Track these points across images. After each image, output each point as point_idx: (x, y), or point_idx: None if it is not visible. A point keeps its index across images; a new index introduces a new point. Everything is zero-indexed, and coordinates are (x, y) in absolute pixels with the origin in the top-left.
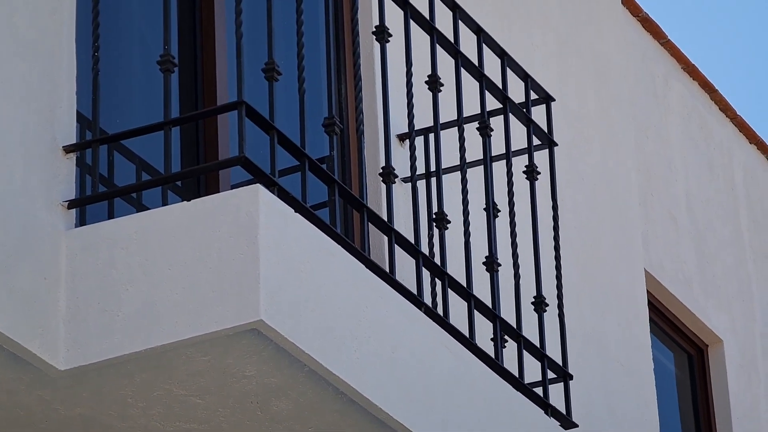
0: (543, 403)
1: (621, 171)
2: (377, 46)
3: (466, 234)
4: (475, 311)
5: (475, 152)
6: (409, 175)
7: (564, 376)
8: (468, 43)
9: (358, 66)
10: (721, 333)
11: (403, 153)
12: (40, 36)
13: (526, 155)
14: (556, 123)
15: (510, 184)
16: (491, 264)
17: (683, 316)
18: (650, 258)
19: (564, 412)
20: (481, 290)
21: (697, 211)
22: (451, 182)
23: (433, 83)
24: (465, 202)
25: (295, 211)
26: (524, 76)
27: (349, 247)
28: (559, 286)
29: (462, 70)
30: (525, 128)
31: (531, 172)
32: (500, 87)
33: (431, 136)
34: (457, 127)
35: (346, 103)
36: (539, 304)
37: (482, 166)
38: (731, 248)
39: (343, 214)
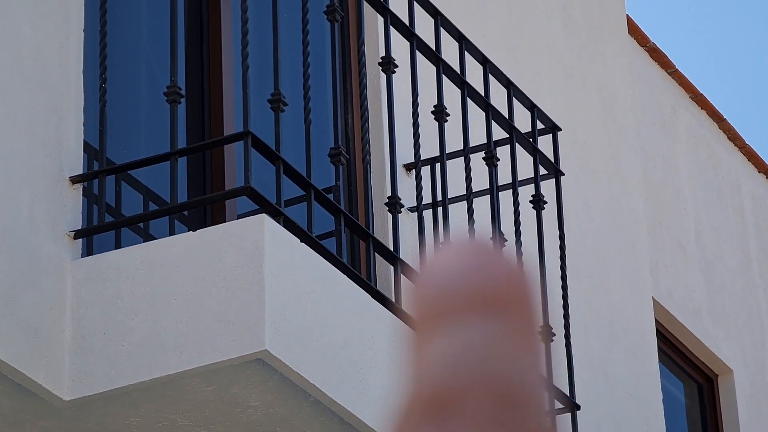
0: None
1: (629, 200)
2: (383, 76)
3: None
4: None
5: (481, 182)
6: (415, 204)
7: (572, 406)
8: (474, 74)
9: (365, 96)
10: (731, 362)
11: (409, 183)
12: (47, 67)
13: (533, 185)
14: (562, 152)
15: (516, 213)
16: None
17: (692, 345)
18: (659, 287)
19: None
20: None
21: (706, 240)
22: (458, 212)
23: (440, 113)
24: (471, 232)
25: (301, 241)
26: (530, 106)
27: (355, 277)
28: (566, 316)
29: (468, 100)
30: (531, 158)
31: (537, 202)
32: (506, 117)
33: (437, 165)
34: (463, 157)
35: (353, 133)
36: (546, 333)
37: (488, 196)
38: (740, 277)
39: (349, 244)
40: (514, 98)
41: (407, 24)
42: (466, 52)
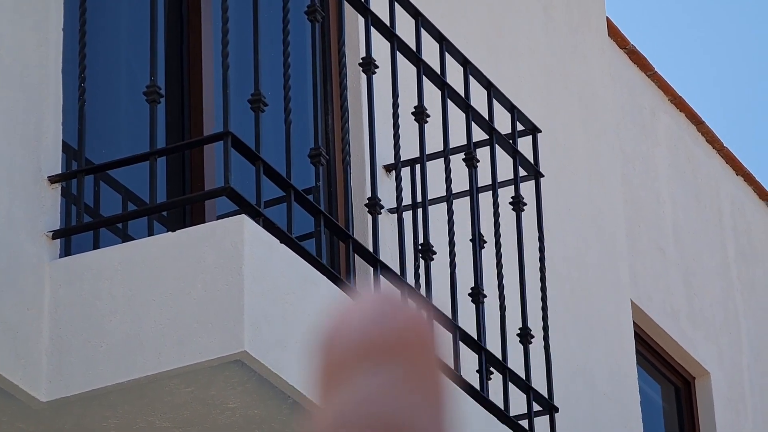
0: None
1: (608, 202)
2: (364, 77)
3: (452, 265)
4: (461, 343)
5: (461, 183)
6: (395, 206)
7: (550, 408)
8: (455, 75)
9: (345, 97)
10: (709, 365)
11: (389, 184)
12: (26, 67)
13: (513, 186)
14: (542, 154)
15: (496, 215)
16: (477, 295)
17: (670, 348)
18: (637, 289)
19: None
20: (467, 322)
21: (685, 243)
22: (437, 213)
23: (420, 114)
24: (451, 233)
25: (281, 242)
26: (511, 108)
27: (335, 278)
28: (545, 318)
29: (448, 101)
30: (511, 159)
31: (517, 203)
32: (487, 118)
33: (417, 167)
34: (443, 158)
35: (333, 134)
36: (525, 335)
37: (468, 197)
38: (719, 280)
39: (329, 245)
40: (494, 99)
41: (388, 25)
42: (446, 53)
